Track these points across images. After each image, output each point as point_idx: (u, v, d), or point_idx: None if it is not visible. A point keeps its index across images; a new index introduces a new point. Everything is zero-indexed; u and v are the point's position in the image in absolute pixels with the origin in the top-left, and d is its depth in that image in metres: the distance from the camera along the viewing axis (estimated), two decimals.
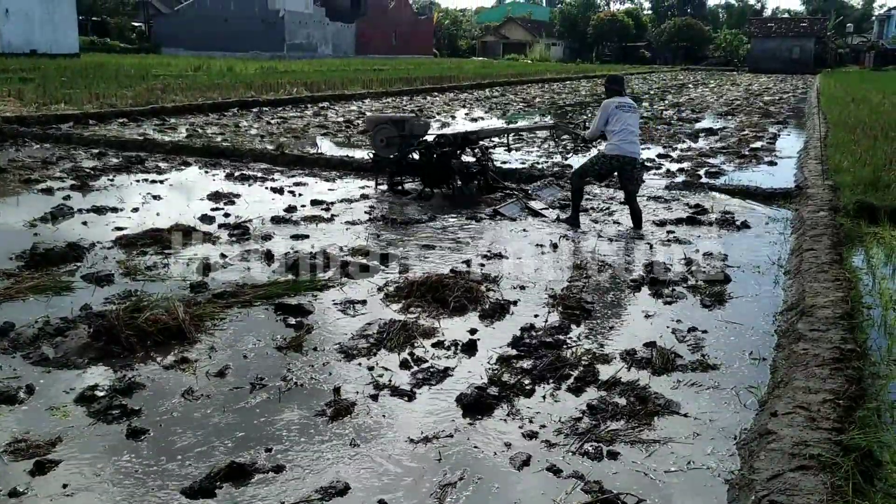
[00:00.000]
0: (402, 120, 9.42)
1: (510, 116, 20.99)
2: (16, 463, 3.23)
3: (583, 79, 44.35)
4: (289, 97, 22.10)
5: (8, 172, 9.90)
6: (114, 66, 30.73)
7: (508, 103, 25.22)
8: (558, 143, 11.80)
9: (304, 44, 59.30)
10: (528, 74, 43.00)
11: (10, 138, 12.89)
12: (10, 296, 5.23)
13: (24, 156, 11.42)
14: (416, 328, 4.86)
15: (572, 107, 24.82)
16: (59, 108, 16.43)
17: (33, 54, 37.43)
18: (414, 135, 9.27)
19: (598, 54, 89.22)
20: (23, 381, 3.96)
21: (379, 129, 9.39)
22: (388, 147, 9.29)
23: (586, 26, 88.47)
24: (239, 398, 3.93)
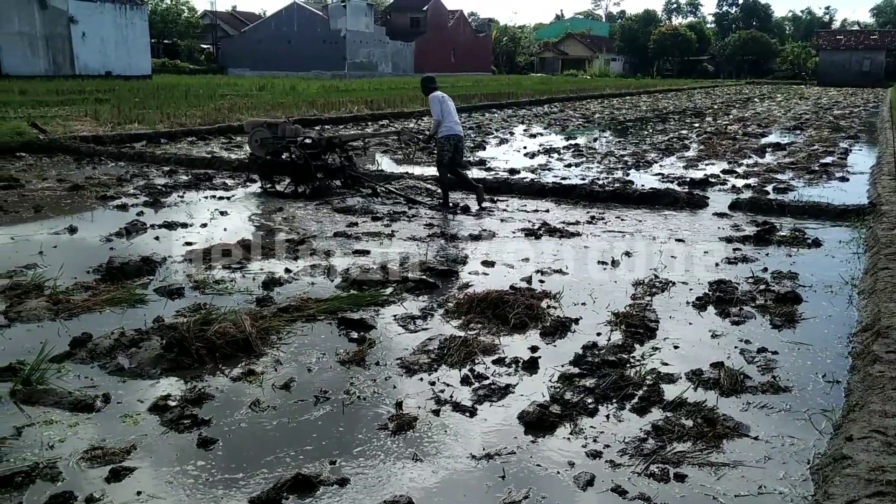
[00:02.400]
0: (275, 123, 10.56)
1: (569, 132, 20.89)
2: (92, 470, 3.35)
3: (643, 94, 43.87)
4: (349, 115, 22.47)
5: (85, 189, 10.32)
6: (183, 86, 31.78)
7: (567, 119, 25.10)
8: (405, 145, 12.88)
9: (364, 62, 60.30)
10: (587, 90, 42.75)
11: (87, 157, 13.46)
12: (87, 307, 5.44)
13: (100, 173, 11.89)
14: (477, 344, 4.86)
15: (633, 122, 24.54)
16: (133, 127, 17.07)
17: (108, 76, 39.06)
18: (286, 137, 10.24)
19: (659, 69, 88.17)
20: (99, 390, 4.12)
21: (255, 131, 10.45)
22: (263, 147, 10.34)
23: (647, 41, 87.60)
24: (303, 411, 3.99)
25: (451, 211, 9.45)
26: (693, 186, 11.27)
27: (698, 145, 17.34)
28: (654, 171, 13.19)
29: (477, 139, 17.88)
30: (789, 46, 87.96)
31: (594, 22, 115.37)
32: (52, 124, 16.09)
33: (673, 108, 31.58)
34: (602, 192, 10.27)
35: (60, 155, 13.58)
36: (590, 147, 16.75)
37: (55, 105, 21.49)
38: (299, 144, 10.27)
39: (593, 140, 18.72)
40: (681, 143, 17.60)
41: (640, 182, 11.52)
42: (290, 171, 10.35)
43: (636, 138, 19.18)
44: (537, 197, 10.35)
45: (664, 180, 12.01)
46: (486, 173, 12.29)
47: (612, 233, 8.36)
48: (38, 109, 19.67)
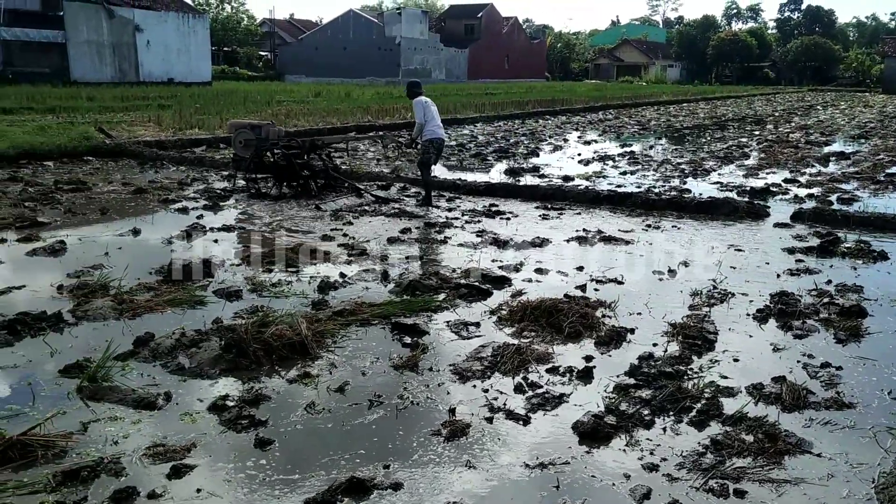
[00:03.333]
0: (258, 125, 10.80)
1: (624, 139, 20.66)
2: (154, 466, 3.44)
3: (701, 101, 43.10)
4: (403, 121, 22.61)
5: (148, 192, 10.63)
6: (242, 92, 32.49)
7: (622, 126, 24.83)
8: (386, 148, 13.14)
9: (418, 69, 60.69)
10: (642, 97, 42.24)
11: (150, 161, 13.85)
12: (150, 308, 5.59)
13: (162, 177, 12.23)
14: (530, 353, 4.84)
15: (690, 129, 24.13)
16: (193, 132, 17.51)
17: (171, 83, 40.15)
18: (269, 139, 10.55)
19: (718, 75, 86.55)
20: (161, 388, 4.23)
21: (238, 133, 10.74)
22: (246, 148, 10.60)
23: (706, 47, 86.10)
24: (358, 414, 4.03)
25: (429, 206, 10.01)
26: (753, 196, 11.02)
27: (759, 153, 16.96)
28: (712, 179, 12.95)
29: (530, 146, 17.82)
30: (853, 53, 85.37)
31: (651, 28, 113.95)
32: (117, 129, 16.62)
33: (732, 116, 30.94)
34: (658, 201, 10.13)
35: (125, 159, 14.01)
36: (645, 154, 16.54)
37: (120, 111, 22.20)
38: (282, 146, 10.63)
39: (649, 147, 18.46)
40: (740, 152, 17.23)
41: (697, 191, 11.32)
42: (273, 171, 10.69)
43: (694, 146, 18.86)
44: (592, 204, 10.26)
45: (723, 189, 11.78)
46: (539, 180, 12.24)
47: (669, 242, 8.23)
48: (104, 115, 20.34)
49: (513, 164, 14.32)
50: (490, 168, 14.26)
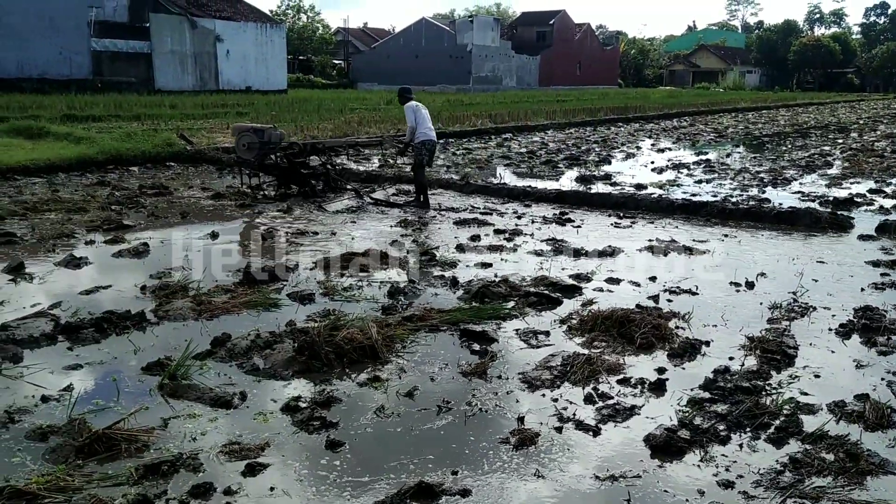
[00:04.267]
0: (261, 129, 11.04)
1: (700, 147, 20.19)
2: (230, 463, 3.54)
3: (781, 108, 41.78)
4: (473, 128, 22.70)
5: (226, 198, 10.96)
6: (316, 100, 33.18)
7: (698, 133, 24.28)
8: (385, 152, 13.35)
9: (489, 76, 60.81)
10: (719, 103, 41.18)
11: (228, 167, 14.26)
12: (227, 309, 5.76)
13: (239, 183, 12.57)
14: (601, 363, 4.78)
15: (770, 137, 23.40)
16: None
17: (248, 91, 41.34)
18: (271, 142, 10.87)
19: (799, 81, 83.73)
20: (237, 388, 4.35)
21: (241, 136, 10.99)
22: (250, 150, 10.90)
23: (786, 52, 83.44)
24: (426, 419, 4.05)
25: (424, 207, 10.45)
26: (836, 206, 10.60)
27: (842, 162, 16.33)
28: (792, 189, 12.52)
29: (602, 153, 17.61)
30: None
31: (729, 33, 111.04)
32: (197, 136, 17.20)
33: (814, 123, 29.87)
34: (735, 210, 9.86)
35: (204, 165, 14.49)
36: (722, 163, 16.12)
37: (201, 118, 22.99)
38: (285, 149, 11.04)
39: (726, 155, 17.98)
40: (823, 160, 16.62)
41: (777, 200, 10.96)
42: (277, 173, 11.07)
43: (773, 154, 18.27)
44: (665, 213, 10.06)
45: (804, 199, 11.38)
46: (611, 188, 12.08)
47: (747, 253, 8.00)
48: (185, 122, 21.10)
49: (584, 172, 14.17)
50: (560, 175, 14.15)
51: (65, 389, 4.30)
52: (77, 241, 8.10)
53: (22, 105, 22.96)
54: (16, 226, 8.66)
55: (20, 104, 23.22)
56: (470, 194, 11.61)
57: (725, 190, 12.15)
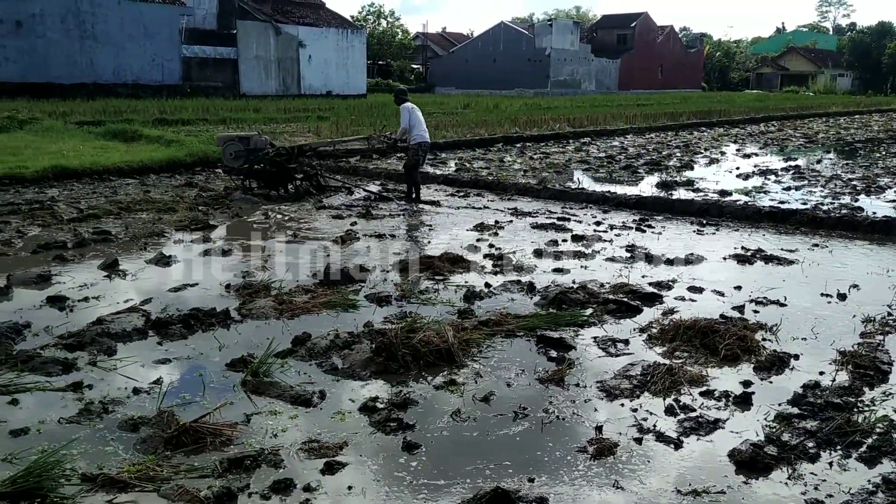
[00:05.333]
0: (247, 137, 11.59)
1: (788, 152, 19.46)
2: (309, 460, 3.60)
3: (875, 112, 39.84)
4: (551, 133, 22.52)
5: (306, 199, 11.21)
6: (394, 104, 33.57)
7: (786, 138, 23.41)
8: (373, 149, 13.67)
9: (567, 80, 60.28)
10: (809, 108, 39.62)
11: None
12: (307, 309, 5.88)
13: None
14: (683, 374, 4.65)
15: (863, 143, 22.35)
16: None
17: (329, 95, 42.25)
18: (257, 149, 11.32)
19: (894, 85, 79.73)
20: (316, 386, 4.43)
21: (228, 145, 11.41)
22: (237, 159, 11.32)
23: (880, 55, 79.60)
24: (502, 425, 4.03)
25: (418, 202, 11.03)
26: None
27: None
28: (888, 197, 11.92)
29: (684, 159, 17.19)
30: None
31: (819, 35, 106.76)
32: (280, 139, 17.65)
33: None
34: (826, 219, 9.45)
35: None
36: (812, 169, 15.49)
37: (283, 122, 23.60)
38: (272, 154, 11.36)
39: (816, 161, 17.27)
40: None
41: (871, 209, 10.44)
42: (266, 178, 11.41)
43: (866, 161, 17.43)
44: (751, 221, 9.73)
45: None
46: (694, 194, 11.77)
47: (838, 263, 7.66)
48: (268, 126, 21.69)
49: (665, 178, 13.86)
50: (640, 181, 13.88)
51: (154, 382, 4.47)
52: (166, 239, 8.43)
53: (117, 109, 24.11)
54: (111, 224, 9.08)
55: (116, 108, 24.39)
56: (547, 199, 11.51)
57: (816, 197, 11.66)
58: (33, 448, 3.63)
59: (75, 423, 3.94)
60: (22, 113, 20.03)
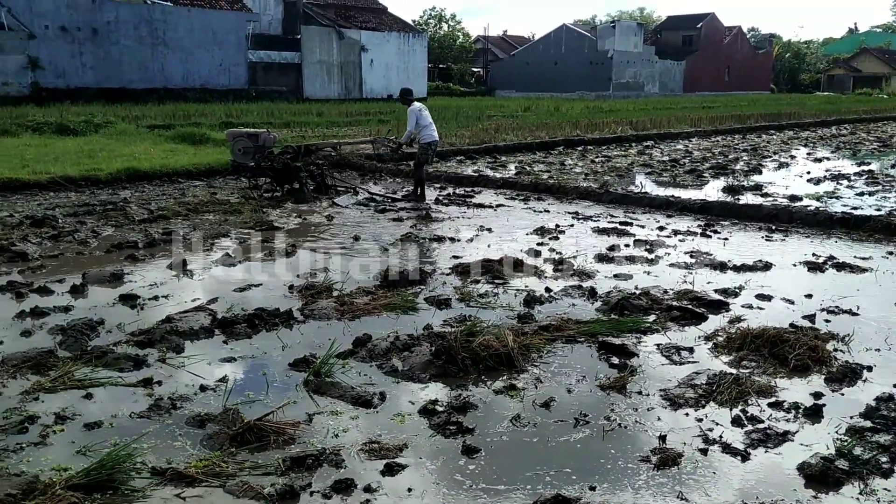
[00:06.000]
0: (255, 134, 11.80)
1: (862, 156, 18.76)
2: (370, 461, 3.63)
3: None
4: (613, 136, 22.23)
5: (363, 204, 11.33)
6: (454, 108, 33.66)
7: (859, 142, 22.57)
8: (377, 151, 13.51)
9: (630, 83, 59.44)
10: (883, 110, 38.14)
11: (370, 173, 14.77)
12: (368, 311, 5.94)
13: (379, 188, 12.98)
14: (750, 384, 4.52)
15: None
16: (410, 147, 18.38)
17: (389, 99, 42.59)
18: (266, 146, 11.53)
19: None
20: (376, 388, 4.47)
21: (237, 141, 11.63)
22: (245, 155, 11.54)
23: None
24: (563, 431, 3.99)
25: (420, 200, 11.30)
26: None
27: None
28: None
29: (752, 162, 16.75)
30: None
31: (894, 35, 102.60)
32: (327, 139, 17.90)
33: None
34: None
35: (348, 171, 15.02)
36: (887, 174, 14.89)
37: (345, 125, 23.91)
38: (280, 152, 11.59)
39: (891, 166, 16.60)
40: None
41: None
42: (272, 175, 11.55)
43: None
44: (823, 227, 9.40)
45: None
46: (762, 199, 11.45)
47: None
48: (330, 129, 22.03)
49: (732, 182, 13.53)
50: (705, 185, 13.58)
51: (220, 380, 4.58)
52: (232, 240, 8.63)
53: (186, 113, 24.83)
54: (179, 225, 9.35)
55: (185, 112, 25.12)
56: (608, 203, 11.36)
57: (890, 203, 11.21)
58: (106, 441, 3.75)
59: (146, 417, 4.07)
60: (97, 117, 20.80)
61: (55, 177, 12.07)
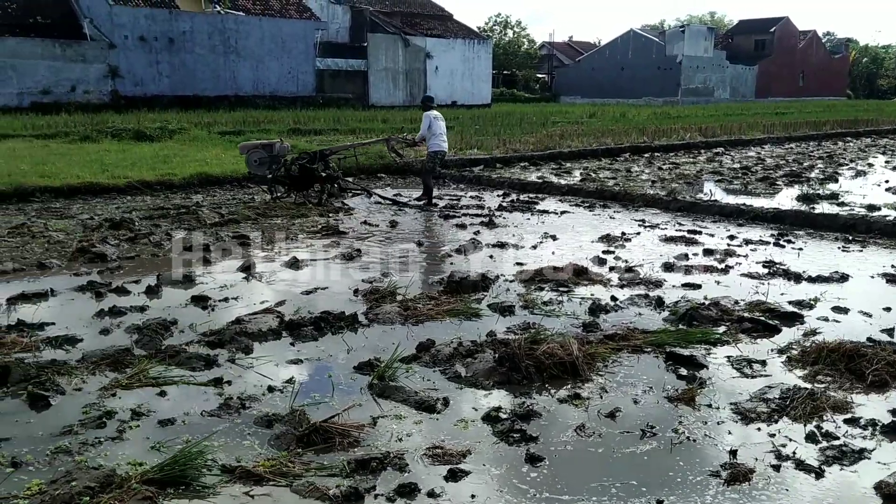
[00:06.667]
0: (269, 144, 12.00)
1: None
2: (433, 466, 3.64)
3: None
4: (681, 142, 21.80)
5: (425, 210, 11.39)
6: (518, 114, 33.60)
7: None
8: (393, 150, 13.50)
9: (699, 88, 58.25)
10: None
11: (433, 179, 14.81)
12: (431, 316, 5.97)
13: (442, 194, 13.04)
14: (826, 399, 4.36)
15: None
16: (472, 152, 18.45)
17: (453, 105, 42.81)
18: (280, 155, 11.72)
19: None
20: (440, 393, 4.48)
21: (252, 153, 11.78)
22: (261, 166, 11.71)
23: None
24: (629, 442, 3.92)
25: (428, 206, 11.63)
26: None
27: None
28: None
29: (827, 170, 16.18)
30: None
31: None
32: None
33: None
34: None
35: (411, 177, 15.19)
36: None
37: (409, 132, 24.05)
38: (294, 159, 11.81)
39: None
40: None
41: None
42: (289, 182, 11.78)
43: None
44: None
45: None
46: (838, 208, 11.05)
47: None
48: None
49: (806, 190, 13.09)
50: (778, 193, 13.18)
51: (287, 381, 4.66)
52: (299, 244, 8.80)
53: (256, 120, 25.45)
54: (248, 229, 9.58)
55: (255, 119, 25.75)
56: (676, 211, 11.14)
57: None
58: (178, 438, 3.87)
59: (216, 416, 4.17)
60: (172, 123, 21.53)
61: (132, 181, 12.54)
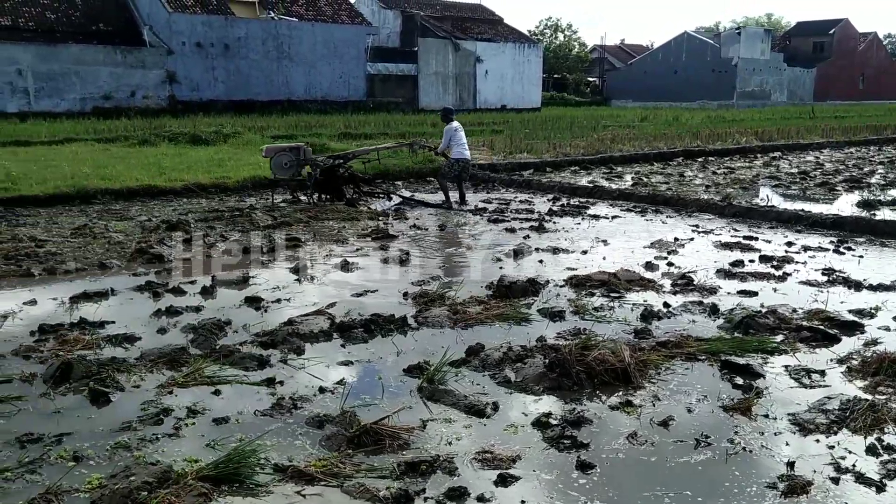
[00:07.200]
0: (296, 147, 12.28)
1: None
2: (482, 471, 3.63)
3: None
4: (736, 147, 21.36)
5: (479, 212, 11.39)
6: (568, 118, 33.38)
7: None
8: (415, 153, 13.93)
9: (755, 91, 57.02)
10: None
11: (483, 182, 14.85)
12: (480, 320, 5.96)
13: (492, 198, 13.03)
14: (887, 411, 4.21)
15: None
16: (522, 156, 18.40)
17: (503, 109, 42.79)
18: (306, 159, 12.03)
19: None
20: (489, 397, 4.46)
21: (279, 156, 12.01)
22: (288, 169, 11.98)
23: None
24: (682, 452, 3.84)
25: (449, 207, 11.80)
26: None
27: None
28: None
29: (889, 176, 15.67)
30: None
31: None
32: None
33: None
34: None
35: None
36: None
37: None
38: (321, 162, 12.06)
39: None
40: None
41: None
42: (314, 185, 11.96)
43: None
44: None
45: None
46: None
47: None
48: None
49: (867, 196, 12.69)
50: (838, 199, 12.81)
51: (338, 383, 4.71)
52: (349, 247, 8.88)
53: (307, 124, 25.83)
54: (300, 232, 9.71)
55: (306, 123, 26.14)
56: (731, 217, 10.92)
57: None
58: (232, 436, 3.94)
59: (268, 416, 4.23)
60: (226, 127, 21.99)
61: (188, 184, 12.84)
